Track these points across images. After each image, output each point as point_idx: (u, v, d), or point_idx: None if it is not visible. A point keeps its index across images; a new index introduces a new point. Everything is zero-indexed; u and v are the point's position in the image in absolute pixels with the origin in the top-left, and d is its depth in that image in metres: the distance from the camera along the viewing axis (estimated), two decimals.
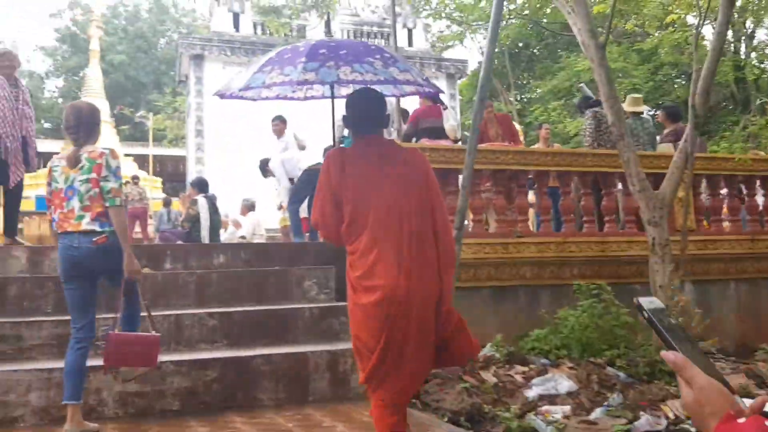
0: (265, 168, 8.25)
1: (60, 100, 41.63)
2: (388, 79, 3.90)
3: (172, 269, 5.88)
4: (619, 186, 7.33)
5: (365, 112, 3.17)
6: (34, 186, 14.04)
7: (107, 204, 3.64)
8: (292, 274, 5.76)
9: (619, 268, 6.82)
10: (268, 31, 17.61)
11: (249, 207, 10.20)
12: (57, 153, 15.73)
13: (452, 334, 3.01)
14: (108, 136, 27.37)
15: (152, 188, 20.30)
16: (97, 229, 3.62)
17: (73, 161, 3.66)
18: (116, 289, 3.80)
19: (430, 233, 2.98)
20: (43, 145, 18.21)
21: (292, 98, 4.76)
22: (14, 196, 6.17)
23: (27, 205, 7.41)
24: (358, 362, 3.05)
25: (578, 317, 5.89)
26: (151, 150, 27.22)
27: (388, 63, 3.87)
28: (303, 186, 7.75)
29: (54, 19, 43.66)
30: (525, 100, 26.91)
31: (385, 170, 3.01)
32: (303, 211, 8.12)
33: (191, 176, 18.41)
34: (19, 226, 7.53)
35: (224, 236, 10.43)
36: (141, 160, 29.29)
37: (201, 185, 8.57)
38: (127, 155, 28.63)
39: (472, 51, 25.69)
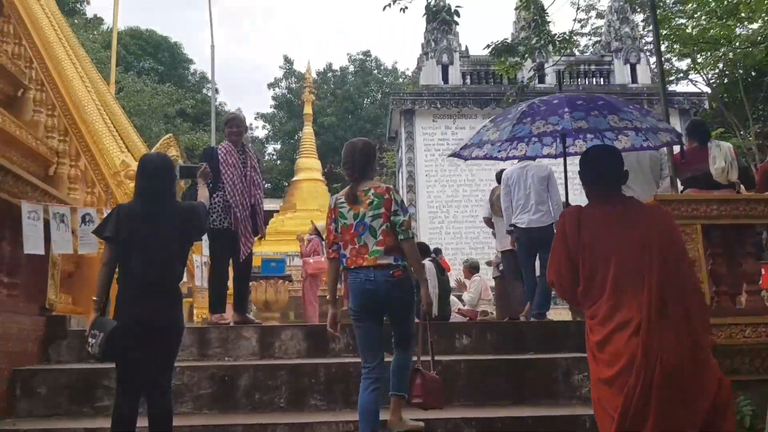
0: None
1: (278, 162, 44.94)
2: (652, 127, 3.96)
3: None
4: None
5: (602, 169, 3.12)
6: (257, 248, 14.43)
7: (401, 237, 3.69)
8: (556, 365, 4.63)
9: None
10: (476, 81, 17.05)
11: (472, 268, 9.24)
12: (276, 212, 16.27)
13: (719, 409, 2.78)
14: (321, 193, 28.63)
15: None
16: (392, 263, 3.66)
17: (351, 198, 3.75)
18: (398, 328, 3.79)
19: (677, 295, 2.83)
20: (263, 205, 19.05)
21: (496, 158, 4.75)
22: (244, 269, 5.80)
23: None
24: (597, 421, 2.95)
25: None
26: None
27: (644, 113, 3.97)
28: (525, 245, 6.59)
29: (271, 89, 47.66)
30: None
31: (624, 231, 2.94)
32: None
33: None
34: None
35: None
36: None
37: (423, 250, 7.66)
38: None
39: (698, 84, 22.85)
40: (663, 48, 17.83)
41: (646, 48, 17.98)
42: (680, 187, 6.18)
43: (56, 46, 9.06)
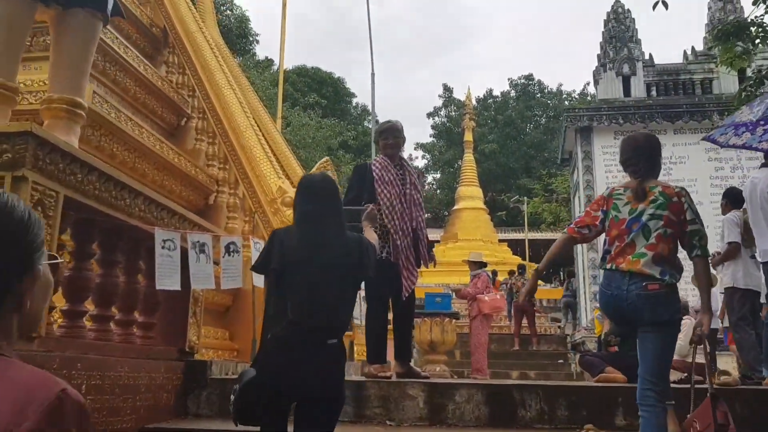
0: None
1: (438, 191, 44.47)
2: None
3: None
4: None
5: None
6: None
7: (697, 252, 3.13)
8: None
9: None
10: (663, 92, 15.08)
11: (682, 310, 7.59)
12: (437, 242, 15.31)
13: None
14: (483, 222, 27.45)
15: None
16: (656, 275, 3.04)
17: (640, 194, 3.21)
18: (646, 360, 3.02)
19: None
20: None
21: (756, 148, 4.50)
22: (407, 309, 4.83)
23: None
24: None
25: None
26: (527, 234, 26.24)
27: None
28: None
29: (431, 118, 47.54)
30: None
31: None
32: None
33: (580, 261, 16.35)
34: None
35: None
36: (514, 245, 28.63)
37: None
38: (501, 241, 28.34)
39: None
40: None
41: None
42: None
43: (217, 73, 8.87)
